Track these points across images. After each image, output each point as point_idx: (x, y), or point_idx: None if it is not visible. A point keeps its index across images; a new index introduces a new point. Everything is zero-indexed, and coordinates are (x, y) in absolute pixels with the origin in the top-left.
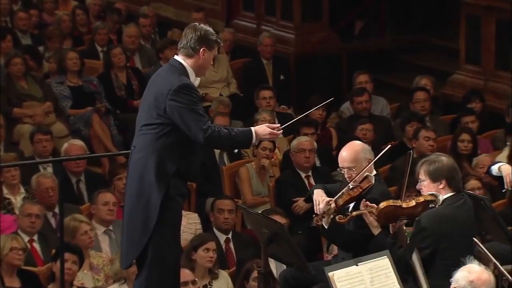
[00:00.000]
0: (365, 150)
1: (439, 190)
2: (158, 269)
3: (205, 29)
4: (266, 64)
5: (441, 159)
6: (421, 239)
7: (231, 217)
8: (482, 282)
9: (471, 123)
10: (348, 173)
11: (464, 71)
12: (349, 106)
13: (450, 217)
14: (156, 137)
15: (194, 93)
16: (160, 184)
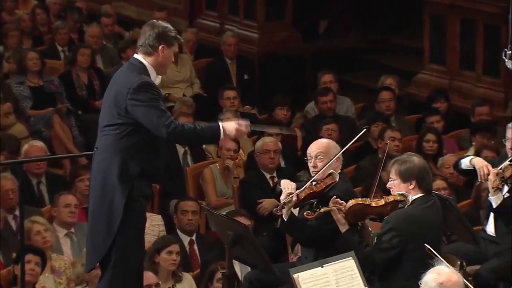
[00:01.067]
0: (336, 147)
1: (409, 190)
2: (121, 271)
3: (163, 25)
4: (230, 63)
5: (413, 160)
6: (389, 239)
7: (195, 219)
8: (452, 284)
9: (436, 123)
10: (314, 162)
11: (428, 71)
12: (313, 106)
13: (419, 218)
14: (118, 138)
15: (155, 90)
16: (123, 186)
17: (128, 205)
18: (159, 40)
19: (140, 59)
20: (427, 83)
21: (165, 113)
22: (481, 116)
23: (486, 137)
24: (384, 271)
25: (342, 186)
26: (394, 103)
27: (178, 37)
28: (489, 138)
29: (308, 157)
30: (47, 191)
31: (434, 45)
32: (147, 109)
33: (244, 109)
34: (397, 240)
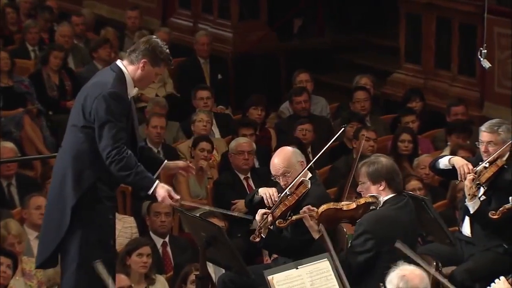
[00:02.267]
0: (296, 153)
1: (380, 191)
2: (86, 274)
3: (157, 44)
4: (203, 63)
5: (380, 160)
6: (363, 242)
7: (168, 221)
8: (415, 276)
9: (412, 123)
10: (283, 180)
11: (404, 70)
12: (288, 106)
13: (391, 219)
14: (80, 141)
15: (121, 104)
16: (77, 189)
17: (84, 208)
18: (144, 54)
19: (121, 66)
20: (402, 83)
21: (119, 134)
22: (456, 116)
23: (461, 137)
24: (359, 274)
25: (316, 192)
26: (369, 103)
27: (168, 61)
28: (464, 138)
29: (275, 177)
30: (17, 193)
31: (410, 44)
32: (105, 121)
33: (217, 109)
34: (371, 243)
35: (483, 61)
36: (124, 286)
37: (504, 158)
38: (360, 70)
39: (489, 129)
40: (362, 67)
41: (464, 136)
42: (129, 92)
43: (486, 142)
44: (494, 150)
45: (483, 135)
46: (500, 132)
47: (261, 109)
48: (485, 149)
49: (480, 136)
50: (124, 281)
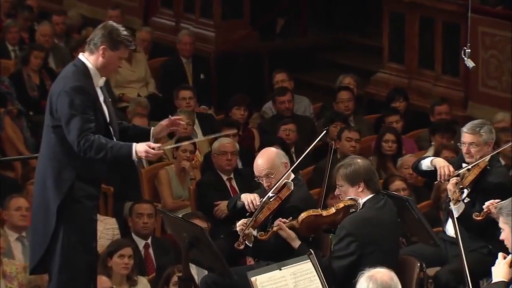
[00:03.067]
0: (280, 154)
1: (358, 193)
2: (67, 275)
3: (114, 27)
4: (186, 63)
5: (356, 162)
6: (346, 245)
7: (150, 222)
8: (383, 274)
9: (395, 123)
10: (266, 181)
11: (388, 70)
12: (271, 106)
13: (373, 220)
14: (55, 140)
15: (85, 96)
16: (58, 191)
17: (68, 208)
18: (102, 40)
19: (83, 60)
20: (386, 82)
21: (86, 124)
22: (440, 115)
23: (445, 137)
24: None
25: (299, 194)
26: (353, 103)
27: (127, 43)
28: (448, 138)
29: (257, 178)
30: None
31: (393, 44)
32: (70, 115)
33: (200, 109)
34: (354, 245)
35: (467, 61)
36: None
37: (486, 159)
38: (343, 70)
39: (470, 130)
40: (346, 66)
41: (448, 136)
42: (96, 82)
43: (468, 143)
44: (476, 151)
45: (465, 136)
46: (482, 133)
47: (244, 109)
48: (467, 150)
49: (462, 137)
50: (106, 283)
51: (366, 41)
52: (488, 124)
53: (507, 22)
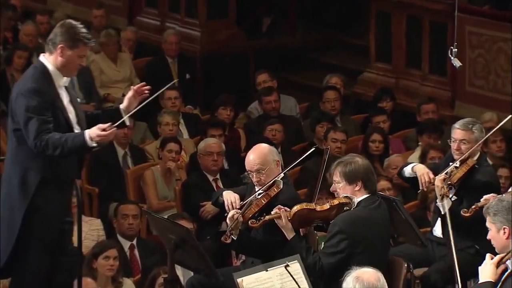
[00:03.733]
0: (273, 152)
1: (355, 192)
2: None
3: (72, 25)
4: (171, 62)
5: (357, 160)
6: (336, 242)
7: (135, 223)
8: (370, 276)
9: (382, 123)
10: (256, 176)
11: (374, 69)
12: (257, 106)
13: (366, 220)
14: (16, 144)
15: (41, 98)
16: (23, 195)
17: (31, 213)
18: (60, 39)
19: (43, 61)
20: (373, 82)
21: (42, 125)
22: (427, 114)
23: (432, 137)
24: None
25: (287, 193)
26: (340, 102)
27: (85, 40)
28: (436, 138)
29: (248, 172)
30: None
31: (380, 43)
32: (26, 117)
33: (186, 109)
34: (345, 243)
35: (454, 60)
36: None
37: (475, 158)
38: (330, 69)
39: (463, 126)
40: (333, 66)
41: (435, 136)
42: (58, 83)
43: (459, 140)
44: (466, 148)
45: (456, 132)
46: (474, 131)
47: (230, 109)
48: (457, 147)
49: (453, 134)
50: (91, 285)
51: (353, 41)
52: (479, 123)
53: (494, 22)
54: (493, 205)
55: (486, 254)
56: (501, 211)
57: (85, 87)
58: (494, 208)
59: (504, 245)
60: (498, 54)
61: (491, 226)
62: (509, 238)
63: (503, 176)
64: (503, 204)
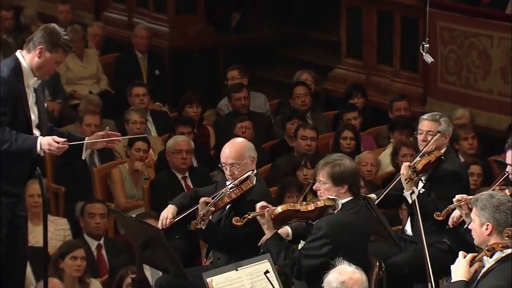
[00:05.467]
0: (250, 148)
1: (340, 194)
2: None
3: (56, 30)
4: (141, 58)
5: (345, 163)
6: (319, 246)
7: (103, 222)
8: (354, 282)
9: (354, 120)
10: (230, 170)
11: (345, 65)
12: (227, 103)
13: (350, 225)
14: None
15: (5, 90)
16: None
17: None
18: (41, 41)
19: (18, 56)
20: (343, 78)
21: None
22: (399, 111)
23: (404, 133)
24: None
25: (259, 189)
26: (310, 98)
27: (66, 48)
28: (407, 135)
29: (222, 164)
30: None
31: (351, 39)
32: None
33: (154, 106)
34: (328, 248)
35: (426, 56)
36: None
37: (442, 151)
38: (300, 66)
39: (430, 117)
40: (303, 62)
41: (407, 132)
42: (27, 82)
43: (425, 131)
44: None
45: (424, 123)
46: (441, 122)
47: (196, 106)
48: (424, 138)
49: (420, 125)
50: (57, 286)
51: (323, 37)
52: (447, 117)
53: (466, 17)
54: (482, 199)
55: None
56: (489, 208)
57: (51, 84)
58: (483, 203)
59: (484, 240)
60: (470, 49)
61: (475, 218)
62: (490, 235)
63: (475, 173)
64: (492, 201)
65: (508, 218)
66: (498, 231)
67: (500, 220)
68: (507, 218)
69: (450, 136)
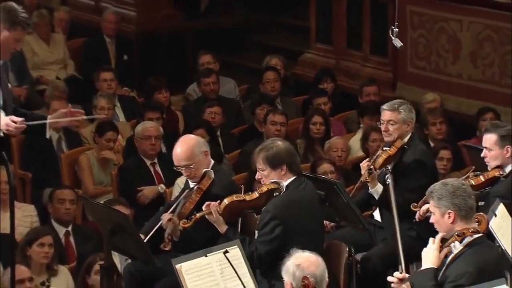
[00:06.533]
0: (200, 143)
1: (281, 176)
2: None
3: (13, 8)
4: (109, 42)
5: (278, 144)
6: (271, 229)
7: (72, 208)
8: (310, 263)
9: (323, 105)
10: (186, 171)
11: (315, 50)
12: (196, 88)
13: (297, 202)
14: None
15: None
16: None
17: None
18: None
19: None
20: (313, 63)
21: None
22: (369, 96)
23: (374, 118)
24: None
25: (220, 182)
26: (279, 83)
27: (24, 25)
28: (377, 120)
29: (177, 168)
30: None
31: (321, 24)
32: None
33: (122, 92)
34: (280, 229)
35: (395, 40)
36: (24, 278)
37: (405, 139)
38: (270, 51)
39: (390, 106)
40: (273, 47)
41: (377, 117)
42: None
43: (386, 121)
44: (395, 129)
45: (384, 113)
46: (401, 111)
47: (165, 91)
48: (385, 128)
49: (381, 116)
50: (25, 273)
51: (293, 22)
52: (408, 104)
53: (435, 1)
54: (437, 189)
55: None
56: (446, 196)
57: (17, 69)
58: (439, 192)
59: (449, 229)
60: (440, 34)
61: (435, 210)
62: (454, 223)
63: (444, 158)
64: (447, 188)
65: (466, 201)
66: (460, 217)
67: (459, 204)
68: (465, 201)
69: (413, 123)
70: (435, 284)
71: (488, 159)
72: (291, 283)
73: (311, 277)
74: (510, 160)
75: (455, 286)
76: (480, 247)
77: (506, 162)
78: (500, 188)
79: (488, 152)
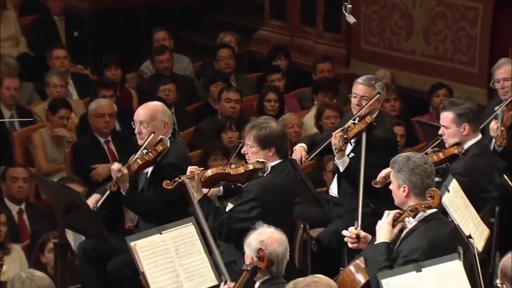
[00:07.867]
0: (164, 112)
1: (268, 157)
2: None
3: None
4: (57, 20)
5: (271, 125)
6: (249, 209)
7: (26, 186)
8: (274, 240)
9: (277, 81)
10: (138, 128)
11: (269, 27)
12: (149, 65)
13: (279, 188)
14: None
15: None
16: None
17: None
18: None
19: None
20: (267, 40)
21: None
22: (322, 73)
23: (328, 95)
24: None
25: (176, 151)
26: (234, 60)
27: None
28: (331, 97)
29: (133, 122)
30: None
31: (274, 1)
32: None
33: (75, 69)
34: (257, 211)
35: (348, 17)
36: None
37: (374, 115)
38: (224, 28)
39: (366, 81)
40: (226, 24)
41: (331, 94)
42: None
43: (360, 95)
44: (368, 105)
45: (359, 87)
46: (376, 87)
47: (115, 68)
48: (358, 102)
49: (355, 89)
50: None
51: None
52: (381, 80)
53: None
54: (399, 161)
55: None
56: (405, 170)
57: None
58: (400, 165)
59: (403, 202)
60: (393, 10)
61: (393, 180)
62: (408, 197)
63: (398, 134)
64: (409, 163)
65: (423, 181)
66: (414, 193)
67: (415, 182)
68: (422, 180)
69: (383, 100)
70: (386, 259)
71: (446, 137)
72: (252, 257)
73: (266, 249)
74: (468, 138)
75: (407, 260)
76: (434, 223)
77: (464, 140)
78: (458, 166)
79: (446, 130)
